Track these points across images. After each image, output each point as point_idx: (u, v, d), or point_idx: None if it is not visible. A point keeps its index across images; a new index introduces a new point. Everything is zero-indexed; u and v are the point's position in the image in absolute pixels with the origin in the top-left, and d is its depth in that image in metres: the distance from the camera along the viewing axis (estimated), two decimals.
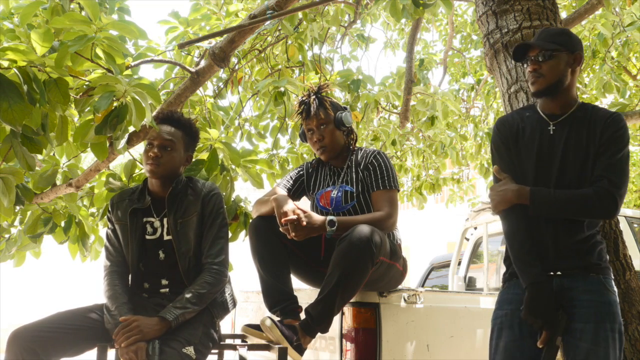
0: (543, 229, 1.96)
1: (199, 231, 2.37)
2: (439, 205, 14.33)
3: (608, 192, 1.89)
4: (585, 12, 4.34)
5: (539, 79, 2.00)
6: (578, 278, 1.93)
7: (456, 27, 7.40)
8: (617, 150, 1.94)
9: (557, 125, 2.02)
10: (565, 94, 2.03)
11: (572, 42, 2.03)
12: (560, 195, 1.93)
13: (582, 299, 1.90)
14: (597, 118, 1.99)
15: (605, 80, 5.23)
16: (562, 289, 1.93)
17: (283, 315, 2.43)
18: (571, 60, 2.02)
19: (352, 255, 2.24)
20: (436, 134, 6.31)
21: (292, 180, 2.78)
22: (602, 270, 1.94)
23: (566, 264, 1.94)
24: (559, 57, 2.00)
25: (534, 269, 1.92)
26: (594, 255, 1.94)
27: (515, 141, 2.07)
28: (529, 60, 2.02)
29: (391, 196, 2.56)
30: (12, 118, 1.94)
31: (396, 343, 2.50)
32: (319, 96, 2.69)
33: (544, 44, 2.00)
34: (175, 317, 2.17)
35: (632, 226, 4.79)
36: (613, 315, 1.89)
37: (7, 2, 2.73)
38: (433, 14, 5.79)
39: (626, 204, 9.48)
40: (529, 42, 2.04)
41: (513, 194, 1.97)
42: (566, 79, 2.02)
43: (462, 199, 8.62)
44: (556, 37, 2.03)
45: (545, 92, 2.01)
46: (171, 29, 3.67)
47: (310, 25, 4.32)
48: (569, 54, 2.01)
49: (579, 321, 1.88)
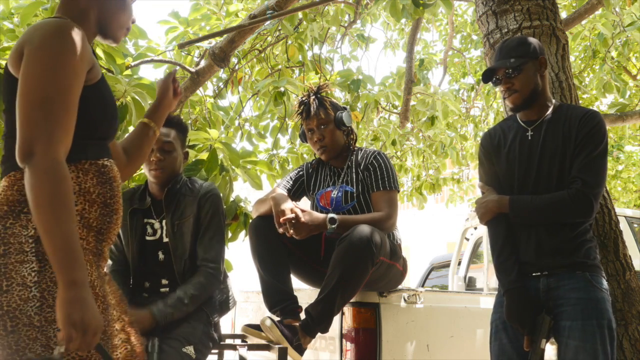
0: (528, 230, 2.00)
1: (195, 233, 2.36)
2: (439, 205, 14.34)
3: (582, 194, 1.91)
4: (585, 12, 4.35)
5: (514, 94, 2.04)
6: (564, 276, 1.94)
7: (456, 27, 7.40)
8: (592, 148, 1.95)
9: (534, 130, 2.06)
10: (540, 100, 2.07)
11: (534, 49, 2.07)
12: (537, 201, 1.96)
13: (568, 297, 1.91)
14: (572, 117, 2.02)
15: (605, 80, 5.23)
16: (548, 288, 1.95)
17: (283, 315, 2.43)
18: (537, 65, 2.06)
19: (352, 256, 2.23)
20: (436, 134, 6.31)
21: (292, 180, 2.78)
22: (588, 267, 1.94)
23: (552, 263, 1.96)
24: (527, 67, 2.03)
25: (510, 276, 1.97)
26: (580, 254, 1.95)
27: (498, 152, 2.11)
28: (501, 80, 2.05)
29: (391, 197, 2.56)
30: None
31: (396, 343, 2.50)
32: (319, 96, 2.69)
33: (509, 63, 2.03)
34: (164, 317, 2.15)
35: (632, 226, 4.78)
36: (600, 311, 1.89)
37: (7, 2, 2.73)
38: (433, 14, 5.79)
39: (626, 204, 9.48)
40: (494, 66, 2.07)
41: (494, 204, 2.02)
42: (538, 86, 2.06)
43: (462, 199, 8.62)
44: (517, 49, 2.05)
45: (523, 106, 2.06)
46: (171, 29, 3.67)
47: (310, 25, 4.33)
48: (534, 61, 2.05)
49: (567, 319, 1.90)
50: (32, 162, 1.26)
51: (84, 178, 1.40)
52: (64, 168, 1.28)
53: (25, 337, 1.26)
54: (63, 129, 1.30)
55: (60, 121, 1.30)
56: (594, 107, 7.46)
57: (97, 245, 1.43)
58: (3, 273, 1.29)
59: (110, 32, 1.56)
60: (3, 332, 1.27)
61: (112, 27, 1.55)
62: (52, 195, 1.24)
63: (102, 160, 1.46)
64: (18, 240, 1.31)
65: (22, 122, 1.29)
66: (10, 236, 1.31)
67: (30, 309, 1.27)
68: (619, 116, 4.90)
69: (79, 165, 1.40)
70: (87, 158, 1.42)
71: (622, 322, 2.27)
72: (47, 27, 1.37)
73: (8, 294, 1.27)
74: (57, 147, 1.28)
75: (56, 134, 1.29)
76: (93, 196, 1.41)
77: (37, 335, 1.27)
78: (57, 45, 1.33)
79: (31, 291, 1.28)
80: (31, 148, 1.26)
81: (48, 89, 1.31)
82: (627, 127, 6.84)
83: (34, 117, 1.28)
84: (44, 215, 1.24)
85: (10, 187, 1.36)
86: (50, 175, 1.25)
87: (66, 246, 1.23)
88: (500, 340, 2.03)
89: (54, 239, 1.23)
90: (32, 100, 1.30)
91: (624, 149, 8.85)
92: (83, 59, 1.37)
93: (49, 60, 1.32)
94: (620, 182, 9.29)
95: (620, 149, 8.78)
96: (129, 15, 1.58)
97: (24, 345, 1.26)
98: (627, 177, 9.19)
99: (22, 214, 1.33)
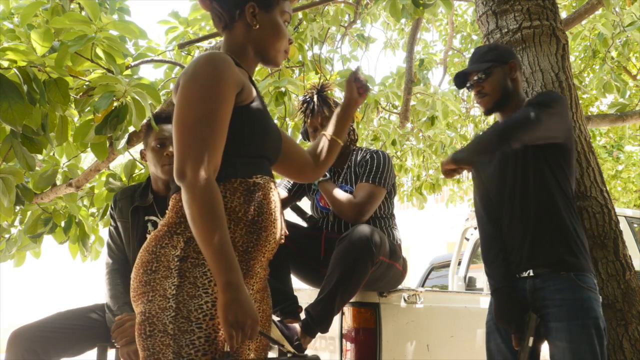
0: (513, 231, 2.03)
1: None
2: (439, 205, 14.33)
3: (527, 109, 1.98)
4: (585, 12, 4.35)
5: (485, 98, 2.13)
6: (549, 277, 1.96)
7: (456, 27, 7.40)
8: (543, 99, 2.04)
9: None
10: (512, 102, 2.14)
11: (503, 54, 2.16)
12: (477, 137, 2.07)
13: (553, 298, 1.93)
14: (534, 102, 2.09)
15: (605, 80, 5.23)
16: (534, 290, 1.98)
17: (283, 315, 2.43)
18: (507, 70, 2.14)
19: (352, 255, 2.24)
20: (436, 134, 6.31)
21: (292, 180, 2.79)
22: (572, 267, 1.95)
23: (536, 263, 1.99)
24: (495, 72, 2.12)
25: (497, 276, 2.02)
26: (563, 253, 1.96)
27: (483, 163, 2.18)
28: (472, 84, 2.15)
29: (372, 190, 2.54)
30: (12, 118, 1.94)
31: (396, 343, 2.50)
32: (322, 95, 2.70)
33: (477, 67, 2.12)
34: None
35: (632, 226, 4.78)
36: (586, 310, 1.90)
37: (7, 2, 2.74)
38: (433, 14, 5.79)
39: (626, 204, 9.48)
40: (464, 71, 2.17)
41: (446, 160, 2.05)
42: (508, 89, 2.14)
43: (462, 199, 8.62)
44: (487, 55, 2.15)
45: (495, 109, 2.15)
46: (171, 29, 3.68)
47: (310, 25, 4.33)
48: (503, 65, 2.13)
49: (553, 320, 1.91)
50: (185, 181, 1.39)
51: (230, 198, 1.49)
52: (212, 184, 1.40)
53: (159, 342, 1.40)
54: (210, 149, 1.42)
55: (208, 142, 1.42)
56: (594, 107, 7.46)
57: (242, 265, 1.48)
58: (151, 287, 1.44)
59: (269, 59, 1.67)
60: (143, 336, 1.42)
61: (270, 54, 1.66)
62: (204, 209, 1.36)
63: (254, 178, 1.53)
64: (167, 259, 1.45)
65: (177, 146, 1.43)
66: (162, 255, 1.46)
67: (166, 318, 1.40)
68: (619, 116, 4.90)
69: (228, 184, 1.49)
70: (237, 176, 1.51)
71: (622, 322, 2.26)
72: (200, 59, 1.50)
73: (151, 303, 1.42)
74: (205, 166, 1.40)
75: (204, 155, 1.40)
76: (239, 215, 1.49)
77: (169, 342, 1.39)
78: (206, 74, 1.46)
79: (169, 302, 1.41)
80: (184, 169, 1.40)
81: (196, 114, 1.43)
82: (627, 127, 6.84)
83: (186, 140, 1.42)
84: (199, 227, 1.36)
85: (172, 209, 1.51)
86: (199, 192, 1.37)
87: (220, 252, 1.35)
88: (494, 340, 2.06)
89: (209, 247, 1.35)
90: (183, 125, 1.43)
91: (624, 149, 8.85)
92: (230, 84, 1.48)
93: (199, 87, 1.45)
94: (620, 182, 9.29)
95: (620, 149, 8.78)
96: (285, 40, 1.67)
97: (158, 349, 1.39)
98: (627, 177, 9.19)
99: (176, 235, 1.46)
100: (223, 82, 1.46)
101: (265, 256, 1.55)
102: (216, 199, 1.38)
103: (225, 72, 1.47)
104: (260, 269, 1.55)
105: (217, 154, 1.43)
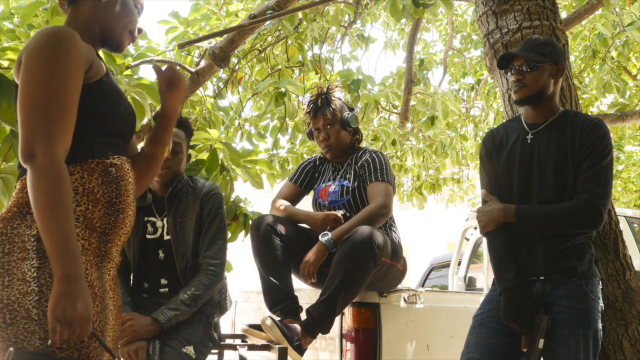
0: (525, 235, 1.99)
1: (197, 231, 2.37)
2: (439, 205, 14.34)
3: (592, 205, 1.91)
4: (585, 12, 4.35)
5: (522, 89, 2.03)
6: (559, 283, 1.94)
7: (456, 27, 7.41)
8: (600, 158, 1.94)
9: (535, 134, 2.05)
10: (547, 104, 2.06)
11: (557, 53, 2.06)
12: (545, 211, 1.95)
13: (559, 304, 1.92)
14: (577, 124, 2.01)
15: (605, 80, 5.24)
16: (543, 294, 1.95)
17: (283, 315, 2.43)
18: (554, 71, 2.05)
19: (355, 257, 2.24)
20: (436, 134, 6.31)
21: (304, 172, 2.84)
22: (584, 275, 1.94)
23: (548, 268, 1.96)
24: (543, 67, 2.02)
25: (508, 274, 1.96)
26: (576, 261, 1.94)
27: (499, 152, 2.11)
28: (513, 70, 2.05)
29: (386, 187, 2.57)
30: (12, 118, 1.94)
31: (396, 343, 2.50)
32: (327, 96, 2.73)
33: (528, 55, 2.02)
34: (168, 320, 2.16)
35: (632, 226, 4.78)
36: (588, 321, 1.89)
37: (7, 2, 2.74)
38: (433, 14, 5.79)
39: (626, 204, 9.48)
40: (514, 53, 2.07)
41: (499, 213, 2.00)
42: (548, 89, 2.04)
43: (462, 199, 8.63)
44: (541, 47, 2.05)
45: (527, 101, 2.05)
46: (171, 29, 3.67)
47: (310, 25, 4.33)
48: (552, 65, 2.04)
49: (556, 325, 1.90)
50: (33, 163, 1.30)
51: (88, 178, 1.42)
52: (62, 168, 1.32)
53: (23, 329, 1.30)
54: (61, 129, 1.34)
55: (58, 122, 1.34)
56: (594, 107, 7.46)
57: (101, 246, 1.44)
58: (5, 270, 1.33)
59: (114, 38, 1.57)
60: (3, 325, 1.30)
61: (116, 31, 1.56)
62: (49, 194, 1.28)
63: (111, 159, 1.47)
64: (21, 239, 1.35)
65: (22, 126, 1.34)
66: (15, 236, 1.36)
67: (29, 303, 1.30)
68: (619, 116, 4.90)
69: (85, 165, 1.42)
70: (94, 157, 1.44)
71: (622, 322, 2.26)
72: (41, 34, 1.41)
73: (8, 288, 1.32)
74: (55, 148, 1.32)
75: (54, 135, 1.32)
76: (97, 196, 1.42)
77: (35, 329, 1.30)
78: (50, 50, 1.37)
79: (30, 286, 1.31)
80: (31, 150, 1.31)
81: (44, 92, 1.35)
82: (627, 127, 6.84)
83: (33, 120, 1.33)
84: (42, 212, 1.28)
85: (21, 190, 1.40)
86: (48, 175, 1.29)
87: (61, 242, 1.28)
88: (478, 334, 2.01)
89: (50, 235, 1.28)
90: (29, 104, 1.34)
91: (624, 149, 8.85)
92: (78, 59, 1.40)
93: (43, 64, 1.36)
94: (620, 182, 9.29)
95: (620, 149, 8.78)
96: (133, 19, 1.59)
97: (22, 337, 1.30)
98: (627, 177, 9.19)
99: (28, 214, 1.37)
100: (70, 57, 1.37)
101: (121, 240, 1.50)
102: (65, 184, 1.31)
103: (71, 47, 1.38)
104: (116, 253, 1.50)
105: (67, 134, 1.35)
